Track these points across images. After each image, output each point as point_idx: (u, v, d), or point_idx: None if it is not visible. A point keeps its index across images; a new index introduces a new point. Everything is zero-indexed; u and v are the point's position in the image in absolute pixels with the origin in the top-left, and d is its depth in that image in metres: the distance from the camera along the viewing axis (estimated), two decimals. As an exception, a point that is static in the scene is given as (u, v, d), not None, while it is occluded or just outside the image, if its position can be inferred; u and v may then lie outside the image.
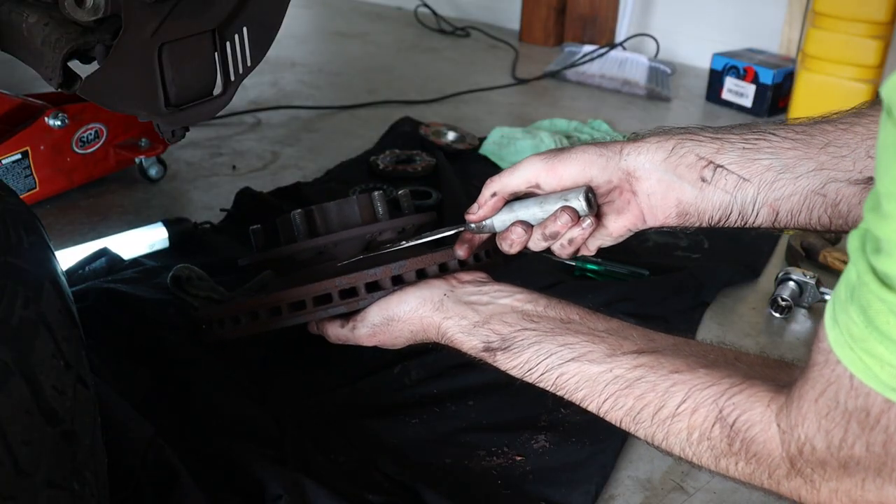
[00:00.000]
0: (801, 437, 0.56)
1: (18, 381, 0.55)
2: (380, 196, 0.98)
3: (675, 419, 0.66)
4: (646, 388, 0.69)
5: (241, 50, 1.05)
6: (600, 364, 0.73)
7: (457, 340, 0.83)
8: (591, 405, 0.73)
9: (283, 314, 0.91)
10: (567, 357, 0.75)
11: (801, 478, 0.57)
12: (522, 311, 0.83)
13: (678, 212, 0.87)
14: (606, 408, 0.72)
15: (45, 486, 0.55)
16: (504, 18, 3.22)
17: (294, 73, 2.49)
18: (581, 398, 0.74)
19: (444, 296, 0.86)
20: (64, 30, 0.87)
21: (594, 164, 0.82)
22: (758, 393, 0.61)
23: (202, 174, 1.75)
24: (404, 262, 0.90)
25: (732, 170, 0.81)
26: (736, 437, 0.62)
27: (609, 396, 0.71)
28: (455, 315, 0.84)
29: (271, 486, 0.85)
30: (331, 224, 0.98)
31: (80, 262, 1.25)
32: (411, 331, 0.88)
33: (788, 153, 0.78)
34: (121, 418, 0.86)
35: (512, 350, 0.79)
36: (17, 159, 1.44)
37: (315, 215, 0.98)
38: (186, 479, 0.83)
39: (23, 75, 1.92)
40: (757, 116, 2.35)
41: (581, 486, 0.94)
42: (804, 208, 0.78)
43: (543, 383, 0.77)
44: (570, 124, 2.10)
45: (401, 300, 0.88)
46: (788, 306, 1.34)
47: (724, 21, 2.74)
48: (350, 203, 0.98)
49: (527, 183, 0.84)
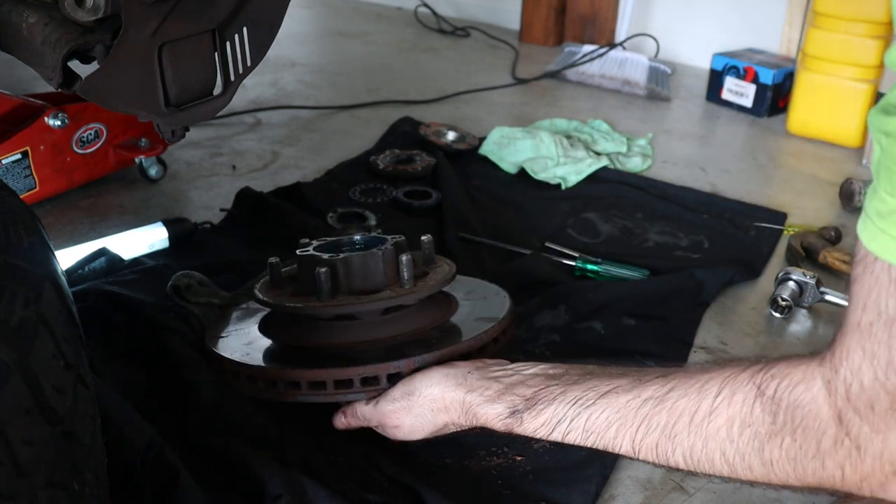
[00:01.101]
0: (846, 377, 0.55)
1: (18, 381, 0.55)
2: (408, 262, 0.98)
3: (713, 416, 0.65)
4: (678, 397, 0.68)
5: (241, 50, 1.05)
6: (628, 392, 0.73)
7: (481, 413, 0.83)
8: (625, 440, 0.72)
9: (301, 389, 0.93)
10: (593, 398, 0.75)
11: (849, 439, 0.56)
12: (545, 374, 0.84)
13: None
14: (640, 436, 0.71)
15: (45, 486, 0.55)
16: (504, 18, 3.22)
17: (294, 73, 2.50)
18: (613, 436, 0.73)
19: (468, 373, 0.87)
20: (64, 30, 0.87)
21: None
22: (795, 359, 0.61)
23: (202, 174, 1.75)
24: (428, 355, 0.91)
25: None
26: (779, 407, 0.60)
27: (642, 422, 0.70)
28: (479, 388, 0.84)
29: (271, 485, 0.85)
30: (354, 280, 0.98)
31: (79, 262, 1.25)
32: (432, 410, 0.87)
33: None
34: (121, 418, 0.86)
35: (537, 406, 0.79)
36: (17, 159, 1.44)
37: (339, 271, 0.98)
38: (186, 478, 0.83)
39: (23, 75, 1.92)
40: (757, 116, 2.35)
41: (581, 486, 0.94)
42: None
43: (573, 433, 0.76)
44: (570, 124, 2.10)
45: (425, 375, 0.88)
46: (788, 306, 1.34)
47: (724, 21, 2.74)
48: (375, 258, 0.98)
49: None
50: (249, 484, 0.86)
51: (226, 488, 0.87)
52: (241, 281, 1.26)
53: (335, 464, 0.95)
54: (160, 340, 1.07)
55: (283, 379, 0.94)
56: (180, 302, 1.16)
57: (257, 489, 0.86)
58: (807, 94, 2.17)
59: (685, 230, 1.62)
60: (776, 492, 0.98)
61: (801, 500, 0.95)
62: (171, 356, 1.04)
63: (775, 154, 2.12)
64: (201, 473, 0.87)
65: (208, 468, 0.90)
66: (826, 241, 1.53)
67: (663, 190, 1.78)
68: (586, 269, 1.41)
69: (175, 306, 1.15)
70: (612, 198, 1.73)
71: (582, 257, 1.42)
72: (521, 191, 1.75)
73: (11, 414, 0.53)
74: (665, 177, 1.87)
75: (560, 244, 1.50)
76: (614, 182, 1.80)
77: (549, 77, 2.62)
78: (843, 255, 1.48)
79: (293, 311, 0.99)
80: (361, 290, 0.99)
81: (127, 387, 1.00)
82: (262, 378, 0.95)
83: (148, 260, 1.32)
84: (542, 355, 1.18)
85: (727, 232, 1.62)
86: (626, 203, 1.72)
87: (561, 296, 1.30)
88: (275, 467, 0.87)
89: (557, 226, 1.60)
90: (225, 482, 0.88)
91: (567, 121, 2.11)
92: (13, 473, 0.52)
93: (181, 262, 1.31)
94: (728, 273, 1.41)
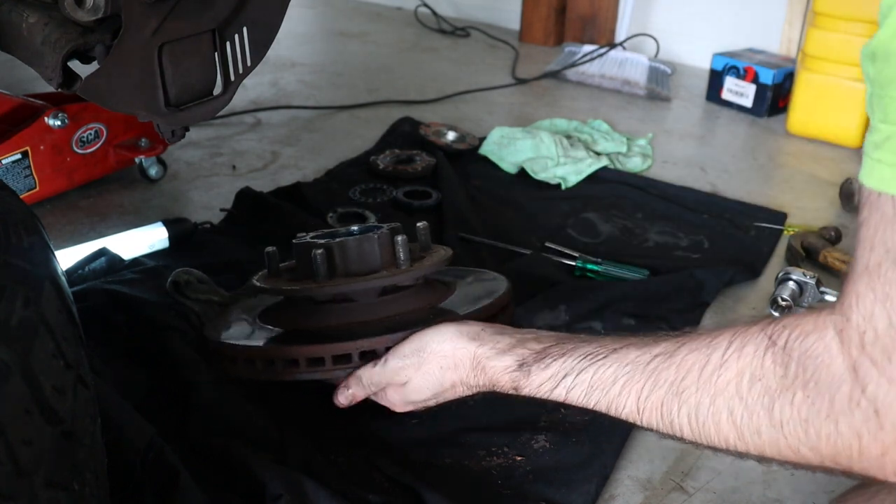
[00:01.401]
0: (859, 324, 0.53)
1: (18, 381, 0.55)
2: (403, 242, 0.97)
3: (723, 369, 0.62)
4: (688, 352, 0.65)
5: (241, 50, 1.05)
6: (639, 349, 0.70)
7: (490, 366, 0.82)
8: (630, 398, 0.69)
9: (300, 367, 0.92)
10: (603, 354, 0.73)
11: (865, 399, 0.53)
12: (558, 334, 0.83)
13: None
14: (646, 392, 0.68)
15: (45, 486, 0.55)
16: (504, 18, 3.22)
17: (294, 73, 2.50)
18: (618, 392, 0.70)
19: (481, 330, 0.86)
20: (64, 30, 0.87)
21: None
22: (807, 312, 0.59)
23: (202, 174, 1.75)
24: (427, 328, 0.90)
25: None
26: (790, 358, 0.58)
27: (649, 377, 0.67)
28: (490, 341, 0.83)
29: (272, 486, 0.85)
30: (350, 263, 0.98)
31: (79, 262, 1.26)
32: (441, 367, 0.85)
33: None
34: (121, 418, 0.86)
35: (546, 359, 0.77)
36: (17, 159, 1.44)
37: (335, 253, 0.97)
38: (186, 479, 0.83)
39: (23, 75, 1.92)
40: (757, 116, 2.35)
41: (581, 486, 0.94)
42: None
43: (577, 389, 0.74)
44: (570, 124, 2.10)
45: (436, 331, 0.87)
46: (788, 306, 1.34)
47: (724, 21, 2.74)
48: (371, 241, 0.98)
49: None
50: (250, 484, 0.86)
51: (226, 489, 0.87)
52: (241, 281, 1.26)
53: (335, 464, 0.95)
54: (160, 340, 1.07)
55: (280, 357, 0.92)
56: (180, 298, 1.16)
57: (258, 490, 0.86)
58: (807, 94, 2.17)
59: (685, 230, 1.62)
60: (776, 492, 0.98)
61: (801, 500, 0.95)
62: (172, 356, 1.05)
63: (775, 154, 2.12)
64: (201, 474, 0.87)
65: (209, 468, 0.90)
66: (826, 241, 1.53)
67: (663, 190, 1.78)
68: (586, 269, 1.41)
69: (175, 304, 1.15)
70: (612, 198, 1.73)
71: (582, 257, 1.43)
72: (521, 191, 1.75)
73: (11, 414, 0.53)
74: (665, 177, 1.87)
75: (560, 244, 1.50)
76: (614, 182, 1.80)
77: (549, 77, 2.62)
78: (843, 255, 1.48)
79: (290, 294, 0.98)
80: (358, 272, 0.98)
81: (127, 386, 1.00)
82: (260, 358, 0.94)
83: (148, 260, 1.32)
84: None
85: (727, 232, 1.62)
86: (626, 203, 1.72)
87: (561, 296, 1.30)
88: (275, 468, 0.87)
89: (557, 226, 1.60)
90: (225, 483, 0.88)
91: (567, 121, 2.11)
92: (13, 473, 0.52)
93: (181, 262, 1.31)
94: (728, 273, 1.41)
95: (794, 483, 0.99)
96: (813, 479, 0.90)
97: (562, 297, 1.29)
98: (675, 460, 1.02)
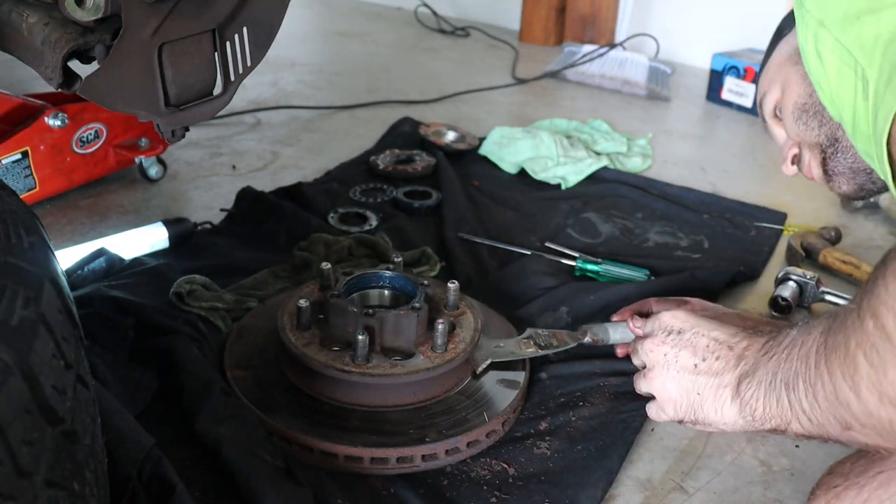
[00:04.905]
0: None
1: (18, 381, 0.55)
2: (443, 330, 1.02)
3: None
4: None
5: (241, 50, 1.05)
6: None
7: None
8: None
9: (338, 460, 0.95)
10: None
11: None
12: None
13: None
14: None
15: (45, 486, 0.55)
16: (504, 18, 3.22)
17: (294, 73, 2.50)
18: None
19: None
20: (64, 30, 0.87)
21: None
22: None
23: (202, 174, 1.75)
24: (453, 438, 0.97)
25: None
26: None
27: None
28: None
29: (270, 499, 0.84)
30: (386, 337, 1.02)
31: (79, 263, 1.25)
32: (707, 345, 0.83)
33: None
34: (120, 428, 0.86)
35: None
36: (17, 159, 1.44)
37: (374, 329, 1.01)
38: (182, 492, 0.82)
39: (23, 75, 1.92)
40: (757, 116, 2.34)
41: (586, 490, 0.94)
42: None
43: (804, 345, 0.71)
44: (570, 124, 2.10)
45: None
46: (788, 306, 1.34)
47: (724, 21, 2.74)
48: (410, 319, 1.02)
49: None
50: (248, 497, 0.85)
51: (224, 502, 0.87)
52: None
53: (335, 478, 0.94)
54: (166, 346, 1.06)
55: (319, 449, 0.95)
56: (184, 307, 1.16)
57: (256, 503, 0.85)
58: (807, 94, 2.16)
59: (685, 230, 1.62)
60: (776, 492, 0.98)
61: (801, 500, 0.95)
62: (178, 362, 1.04)
63: (775, 154, 2.11)
64: (203, 483, 0.88)
65: (209, 478, 0.89)
66: (826, 241, 1.53)
67: (663, 190, 1.78)
68: (586, 270, 1.41)
69: (181, 312, 1.15)
70: (612, 198, 1.73)
71: (582, 257, 1.42)
72: (521, 191, 1.75)
73: (11, 414, 0.53)
74: (665, 177, 1.87)
75: (560, 244, 1.50)
76: (614, 182, 1.80)
77: (549, 77, 2.62)
78: (843, 255, 1.48)
79: (335, 377, 0.99)
80: (392, 347, 1.02)
81: (133, 393, 1.00)
82: (297, 443, 0.96)
83: (149, 259, 1.32)
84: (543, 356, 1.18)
85: (727, 232, 1.62)
86: (626, 203, 1.72)
87: (562, 297, 1.30)
88: (274, 480, 0.86)
89: (557, 226, 1.60)
90: (223, 495, 0.87)
91: (567, 121, 2.11)
92: (13, 473, 0.52)
93: (181, 262, 1.31)
94: (728, 273, 1.41)
95: (794, 483, 0.99)
96: (813, 480, 0.90)
97: (563, 299, 1.29)
98: (675, 460, 1.02)
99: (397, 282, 1.12)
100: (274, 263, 1.32)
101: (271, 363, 1.07)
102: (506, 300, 1.30)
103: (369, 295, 1.13)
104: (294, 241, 1.38)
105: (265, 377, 1.04)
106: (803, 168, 1.09)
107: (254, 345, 1.10)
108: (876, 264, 0.61)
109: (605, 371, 1.14)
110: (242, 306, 1.19)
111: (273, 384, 1.03)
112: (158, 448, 0.86)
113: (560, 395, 1.10)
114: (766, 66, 1.12)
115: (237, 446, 0.90)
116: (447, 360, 1.01)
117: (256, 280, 1.27)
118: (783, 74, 1.06)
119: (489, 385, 1.06)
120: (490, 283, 1.36)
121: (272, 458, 0.89)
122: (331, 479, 0.92)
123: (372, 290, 1.13)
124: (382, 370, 0.98)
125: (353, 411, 0.99)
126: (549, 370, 1.14)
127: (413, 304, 1.04)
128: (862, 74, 0.65)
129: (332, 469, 0.94)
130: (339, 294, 1.05)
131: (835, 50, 0.68)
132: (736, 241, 1.59)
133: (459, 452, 0.97)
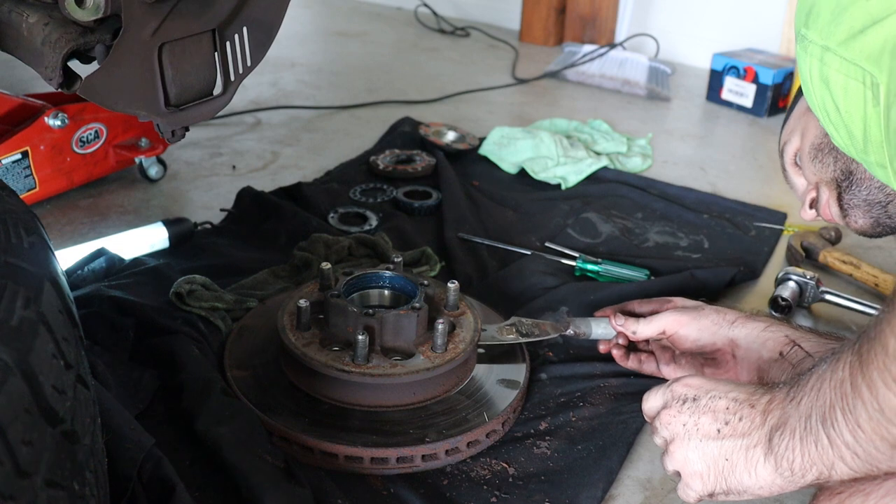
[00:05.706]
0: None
1: (18, 381, 0.55)
2: (443, 330, 1.02)
3: None
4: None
5: (241, 50, 1.05)
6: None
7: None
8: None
9: (338, 460, 0.96)
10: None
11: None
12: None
13: (758, 375, 1.02)
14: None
15: (45, 486, 0.55)
16: (504, 18, 3.22)
17: (294, 73, 2.50)
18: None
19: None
20: (64, 30, 0.87)
21: (707, 330, 1.06)
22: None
23: (202, 174, 1.75)
24: (453, 438, 0.97)
25: (805, 348, 0.97)
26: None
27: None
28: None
29: (270, 499, 0.84)
30: (386, 337, 1.03)
31: (79, 263, 1.25)
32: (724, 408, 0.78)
33: None
34: (120, 428, 0.86)
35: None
36: (17, 159, 1.44)
37: (374, 329, 1.01)
38: (182, 492, 0.82)
39: (23, 75, 1.92)
40: (757, 116, 2.35)
41: (586, 490, 0.94)
42: None
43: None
44: (570, 124, 2.10)
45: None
46: (788, 306, 1.34)
47: (724, 21, 2.74)
48: (410, 319, 1.02)
49: (659, 331, 1.10)
50: (248, 497, 0.85)
51: (224, 502, 0.87)
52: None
53: (334, 478, 0.94)
54: (166, 346, 1.06)
55: (319, 449, 0.95)
56: (184, 308, 1.16)
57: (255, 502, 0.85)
58: (807, 94, 2.16)
59: (685, 230, 1.62)
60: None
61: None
62: (179, 362, 1.04)
63: (775, 154, 2.12)
64: (203, 483, 0.88)
65: (209, 478, 0.89)
66: (826, 241, 1.53)
67: (663, 190, 1.78)
68: (586, 270, 1.41)
69: (181, 312, 1.15)
70: (612, 198, 1.73)
71: (582, 257, 1.42)
72: (521, 191, 1.75)
73: (11, 414, 0.53)
74: (665, 177, 1.87)
75: (560, 244, 1.50)
76: (614, 182, 1.80)
77: (549, 77, 2.62)
78: (843, 255, 1.48)
79: (335, 377, 0.99)
80: (392, 347, 1.02)
81: (133, 392, 1.00)
82: (298, 443, 0.96)
83: (149, 259, 1.32)
84: (544, 357, 1.18)
85: (727, 232, 1.62)
86: (626, 203, 1.72)
87: (562, 297, 1.30)
88: (274, 480, 0.86)
89: (557, 226, 1.60)
90: (223, 496, 0.87)
91: (567, 121, 2.11)
92: (13, 473, 0.52)
93: (181, 262, 1.31)
94: (728, 273, 1.41)
95: (795, 483, 0.99)
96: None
97: (563, 299, 1.29)
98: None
99: (397, 282, 1.12)
100: (274, 263, 1.32)
101: (271, 363, 1.07)
102: (506, 300, 1.30)
103: (369, 295, 1.13)
104: (294, 241, 1.38)
105: (265, 377, 1.05)
106: (821, 208, 1.07)
107: (254, 345, 1.10)
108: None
109: (605, 372, 1.14)
110: (242, 306, 1.19)
111: (273, 384, 1.03)
112: (158, 448, 0.86)
113: (560, 396, 1.10)
114: (788, 119, 1.13)
115: (237, 446, 0.90)
116: (447, 360, 1.01)
117: (256, 280, 1.27)
118: (802, 123, 1.07)
119: (489, 385, 1.06)
120: (490, 283, 1.36)
121: (272, 458, 0.89)
122: (331, 479, 0.92)
123: (372, 290, 1.13)
124: (382, 370, 0.98)
125: (353, 411, 0.99)
126: (550, 371, 1.14)
127: (413, 304, 1.04)
128: (871, 82, 0.64)
129: (332, 469, 0.94)
130: (339, 294, 1.05)
131: (841, 68, 0.68)
132: (736, 241, 1.59)
133: (459, 452, 0.97)
